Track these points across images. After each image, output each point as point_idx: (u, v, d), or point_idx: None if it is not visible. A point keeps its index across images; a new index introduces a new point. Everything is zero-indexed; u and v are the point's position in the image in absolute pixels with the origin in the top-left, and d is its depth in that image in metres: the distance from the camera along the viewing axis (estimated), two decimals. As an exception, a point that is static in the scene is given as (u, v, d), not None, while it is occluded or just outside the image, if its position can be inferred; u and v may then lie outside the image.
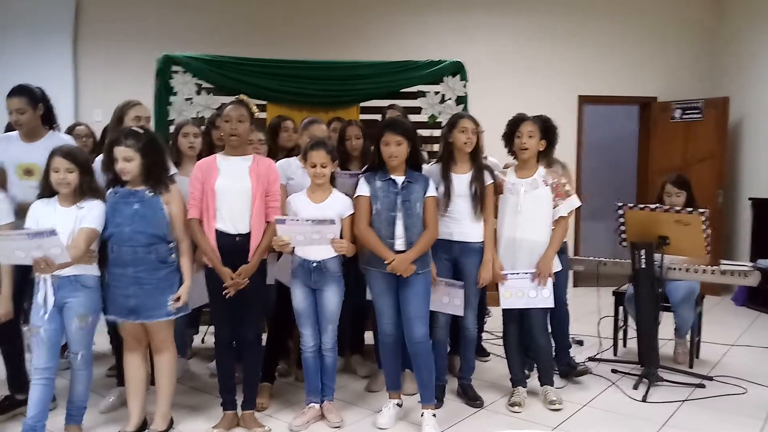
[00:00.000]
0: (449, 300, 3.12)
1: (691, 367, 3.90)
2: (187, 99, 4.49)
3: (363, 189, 2.95)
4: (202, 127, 3.58)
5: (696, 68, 6.73)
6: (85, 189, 2.67)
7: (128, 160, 2.66)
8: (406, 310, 2.91)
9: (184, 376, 3.58)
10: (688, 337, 4.02)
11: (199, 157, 3.27)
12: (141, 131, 2.74)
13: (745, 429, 3.00)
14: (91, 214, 2.64)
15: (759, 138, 6.15)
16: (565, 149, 5.84)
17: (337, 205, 2.91)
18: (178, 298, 2.71)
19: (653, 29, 6.70)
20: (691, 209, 3.49)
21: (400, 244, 2.88)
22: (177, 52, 4.58)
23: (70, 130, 3.85)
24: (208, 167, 2.84)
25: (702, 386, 3.55)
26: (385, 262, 2.84)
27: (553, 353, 3.66)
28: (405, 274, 2.85)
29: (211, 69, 4.54)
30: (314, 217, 2.79)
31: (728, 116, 6.27)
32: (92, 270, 2.68)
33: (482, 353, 4.06)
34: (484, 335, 4.20)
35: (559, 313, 3.64)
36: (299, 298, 2.96)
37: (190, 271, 2.78)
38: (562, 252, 3.48)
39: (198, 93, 4.51)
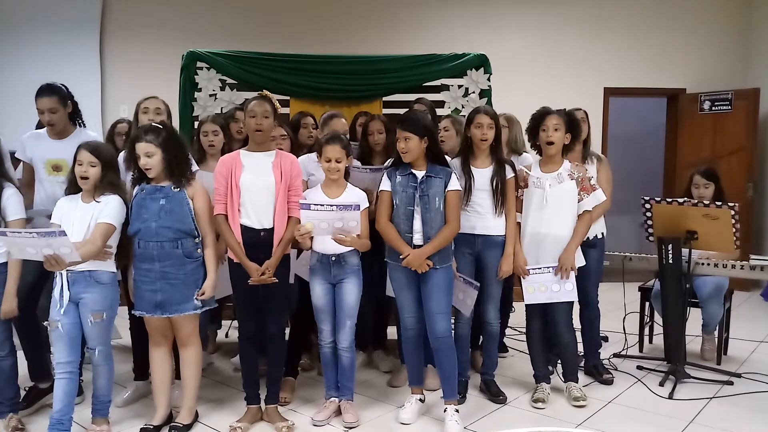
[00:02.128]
0: (463, 298, 3.10)
1: (719, 363, 3.82)
2: (211, 95, 4.51)
3: (385, 184, 2.95)
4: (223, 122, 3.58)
5: (725, 59, 6.57)
6: (105, 184, 2.70)
7: (149, 156, 2.69)
8: (428, 305, 2.90)
9: (207, 370, 3.61)
10: (716, 333, 3.94)
11: (223, 152, 3.28)
12: (160, 126, 2.76)
13: (774, 428, 2.93)
14: (108, 208, 2.66)
15: (791, 130, 5.99)
16: (594, 141, 5.74)
17: (352, 200, 2.89)
18: (204, 293, 2.73)
19: (681, 19, 6.56)
20: (720, 203, 3.41)
21: (418, 238, 2.87)
22: (202, 47, 4.60)
23: (112, 127, 3.91)
24: (232, 163, 2.85)
25: (730, 383, 3.47)
26: (401, 256, 2.83)
27: (582, 352, 3.63)
28: (420, 269, 2.84)
29: (235, 65, 4.56)
30: (338, 203, 2.79)
31: (759, 108, 6.11)
32: (108, 266, 2.70)
33: (502, 349, 4.02)
34: (507, 331, 4.16)
35: (589, 312, 3.61)
36: (318, 293, 2.95)
37: (215, 265, 2.80)
38: (593, 247, 3.45)
39: (222, 89, 4.53)
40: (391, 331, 3.79)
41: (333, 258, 2.91)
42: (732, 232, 3.32)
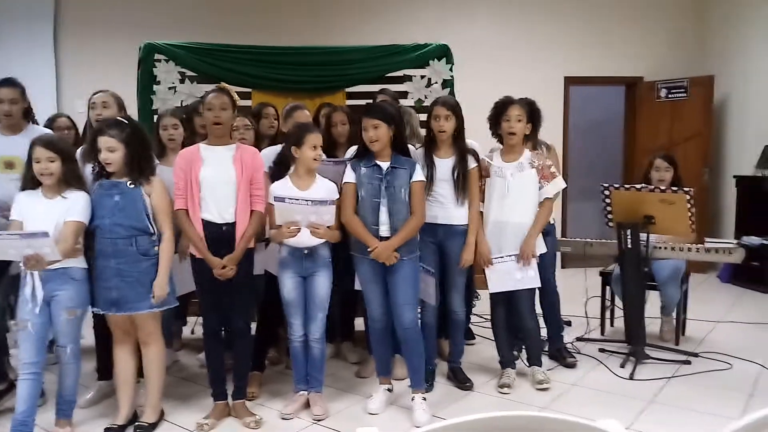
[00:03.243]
0: (425, 287, 3.12)
1: (677, 344, 3.93)
2: (170, 88, 4.43)
3: (349, 176, 2.93)
4: (184, 116, 3.52)
5: (681, 47, 6.71)
6: (70, 178, 2.63)
7: (111, 151, 2.62)
8: (395, 296, 2.92)
9: (173, 367, 3.57)
10: (674, 314, 4.05)
11: (183, 146, 3.23)
12: (125, 121, 2.70)
13: (730, 404, 3.02)
14: (77, 206, 2.61)
15: (743, 116, 6.16)
16: (552, 131, 5.77)
17: (323, 191, 2.88)
18: (153, 294, 2.66)
19: (638, 8, 6.66)
20: (676, 188, 3.49)
21: (384, 230, 2.87)
22: (160, 40, 4.50)
23: (50, 122, 3.78)
24: (191, 157, 2.81)
25: (688, 363, 3.58)
26: (369, 249, 2.83)
27: (545, 336, 3.69)
28: (388, 261, 2.85)
29: (195, 57, 4.48)
30: (314, 198, 2.77)
31: (713, 95, 6.27)
32: (79, 262, 2.65)
33: (469, 336, 4.07)
34: (473, 318, 4.20)
35: (549, 297, 3.67)
36: (289, 287, 2.93)
37: (168, 264, 2.71)
38: (548, 234, 3.49)
39: (182, 81, 4.45)
40: (359, 323, 3.80)
41: (305, 251, 2.89)
42: (688, 216, 3.40)
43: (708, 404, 3.03)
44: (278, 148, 3.20)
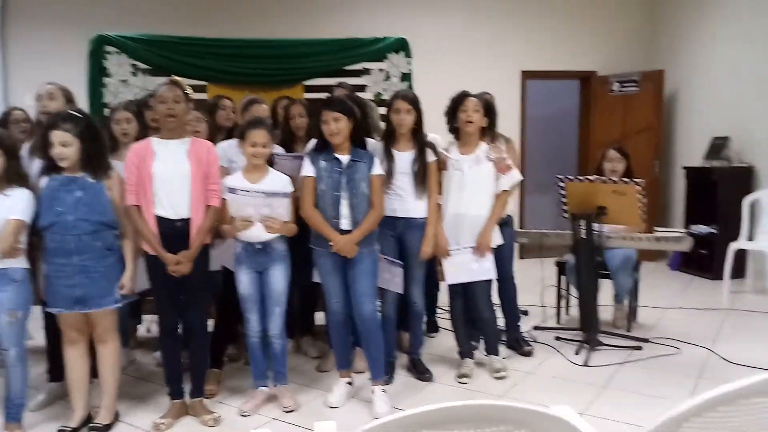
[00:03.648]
0: (390, 277, 3.13)
1: (629, 330, 4.05)
2: (122, 81, 4.31)
3: (308, 169, 2.91)
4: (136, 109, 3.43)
5: (633, 42, 6.88)
6: (12, 175, 2.54)
7: (66, 145, 2.54)
8: (354, 288, 2.91)
9: (128, 366, 3.49)
10: (626, 302, 4.17)
11: (136, 140, 3.14)
12: (79, 115, 2.62)
13: (678, 386, 3.13)
14: (19, 204, 2.52)
15: (692, 109, 6.37)
16: (510, 124, 5.90)
17: (275, 184, 2.85)
18: (123, 286, 2.65)
19: (592, 4, 6.80)
20: (626, 180, 3.58)
21: (345, 223, 2.87)
22: (111, 31, 4.37)
23: (6, 115, 3.64)
24: (143, 151, 2.74)
25: (639, 348, 3.69)
26: (330, 243, 2.82)
27: (503, 326, 3.75)
28: (350, 255, 2.85)
29: (148, 49, 4.37)
30: (267, 190, 2.74)
31: (664, 89, 6.45)
32: (20, 263, 2.56)
33: (433, 329, 4.10)
34: (438, 310, 4.23)
35: (507, 287, 3.72)
36: (245, 282, 2.90)
37: (135, 257, 2.71)
38: (506, 225, 3.54)
39: (134, 74, 4.34)
40: (319, 317, 3.78)
41: (259, 246, 2.86)
42: (638, 206, 3.50)
43: (658, 388, 3.13)
44: (233, 142, 3.15)
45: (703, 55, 6.15)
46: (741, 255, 5.10)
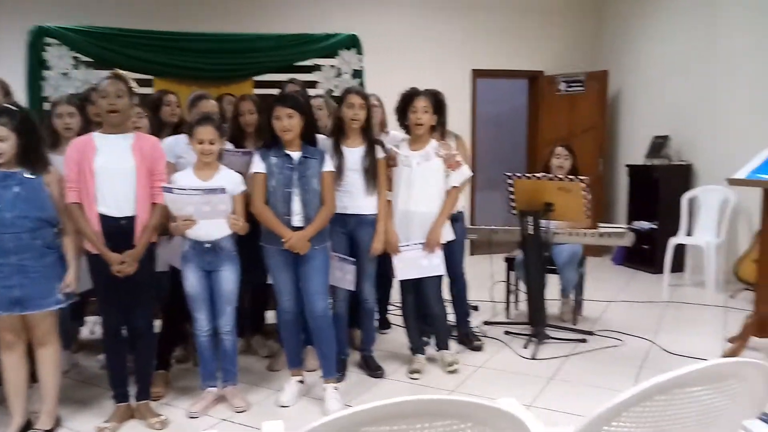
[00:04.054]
0: (342, 275, 3.13)
1: (575, 323, 4.17)
2: (63, 74, 4.15)
3: (258, 166, 2.88)
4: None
5: (579, 43, 7.06)
6: None
7: (2, 140, 2.44)
8: (306, 286, 2.90)
9: (70, 370, 3.38)
10: (572, 296, 4.28)
11: (79, 135, 3.03)
12: (15, 108, 2.51)
13: (622, 377, 3.24)
14: None
15: (634, 109, 6.59)
16: (460, 122, 5.98)
17: (226, 182, 2.80)
18: (67, 286, 2.56)
19: (541, 4, 6.93)
20: (572, 177, 3.67)
21: (297, 220, 2.85)
22: (51, 22, 4.20)
23: None
24: (84, 146, 2.64)
25: (584, 341, 3.80)
26: (282, 240, 2.79)
27: (454, 321, 3.80)
28: (302, 251, 2.83)
29: (90, 41, 4.22)
30: (203, 186, 2.70)
31: (608, 89, 6.64)
32: None
33: (384, 325, 4.12)
34: (390, 307, 4.24)
35: (457, 283, 3.77)
36: (192, 281, 2.84)
37: (77, 255, 2.62)
38: (457, 221, 3.58)
39: (75, 67, 4.18)
40: (270, 316, 3.75)
41: (207, 245, 2.81)
42: (583, 203, 3.59)
43: (602, 378, 3.23)
44: (180, 137, 3.08)
45: (645, 55, 6.37)
46: (680, 249, 5.32)
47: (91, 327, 3.82)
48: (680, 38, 5.85)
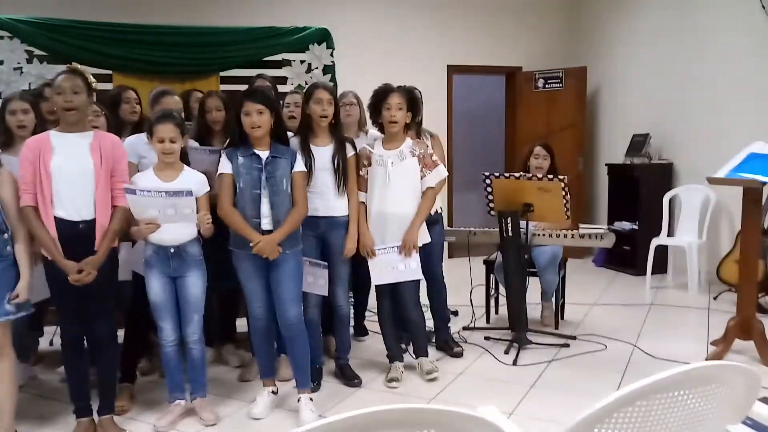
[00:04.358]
0: (314, 280, 3.13)
1: (556, 328, 4.23)
2: (15, 68, 4.07)
3: (225, 166, 2.87)
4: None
5: (558, 39, 7.16)
6: None
7: None
8: (278, 292, 2.89)
9: (28, 383, 3.31)
10: (553, 299, 4.33)
11: (34, 134, 2.98)
12: None
13: (606, 382, 3.29)
14: None
15: (614, 106, 6.71)
16: (436, 119, 6.01)
17: (190, 183, 2.79)
18: (17, 296, 2.49)
19: (518, 1, 7.01)
20: (551, 176, 3.72)
21: (266, 223, 2.84)
22: (2, 14, 4.12)
23: None
24: (40, 146, 2.59)
25: (567, 345, 3.86)
26: (251, 244, 2.78)
27: (433, 327, 3.83)
28: (272, 256, 2.82)
29: (45, 34, 4.16)
30: (168, 188, 2.67)
31: (587, 85, 6.75)
32: None
33: (361, 332, 4.13)
34: (368, 313, 4.26)
35: (436, 287, 3.79)
36: (156, 289, 2.82)
37: (29, 263, 2.56)
38: (435, 223, 3.60)
39: (29, 61, 4.11)
40: (240, 324, 3.72)
41: (172, 249, 2.78)
42: (563, 203, 3.65)
43: (585, 384, 3.28)
44: (143, 136, 3.05)
45: (624, 52, 6.49)
46: (662, 250, 5.43)
47: (50, 338, 3.74)
48: (660, 35, 5.98)
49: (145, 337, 3.35)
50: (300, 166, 2.93)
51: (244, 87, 3.94)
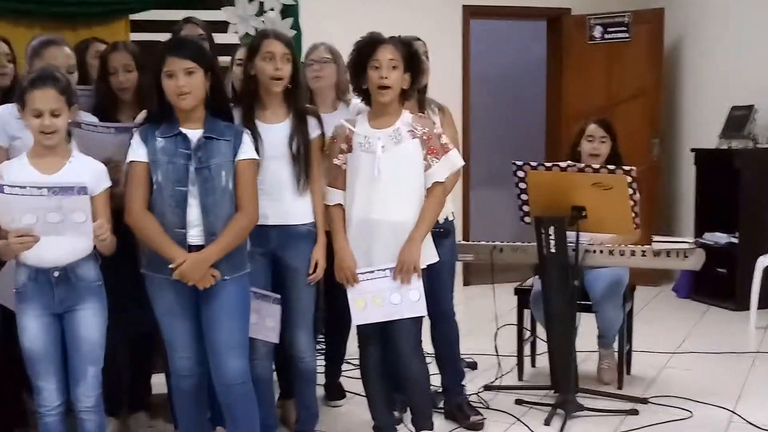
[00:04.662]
0: (259, 320, 3.13)
1: (620, 387, 4.23)
2: None
3: (137, 151, 2.86)
4: None
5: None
6: None
7: None
8: (214, 337, 2.88)
9: None
10: (615, 346, 4.33)
11: None
12: None
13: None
14: None
15: (703, 67, 6.70)
16: (446, 85, 6.01)
17: (83, 176, 2.76)
18: None
19: None
20: (613, 167, 3.71)
21: (195, 235, 2.83)
22: None
23: None
24: None
25: (635, 412, 3.86)
26: (171, 265, 2.76)
27: (440, 386, 3.83)
28: (202, 283, 2.80)
29: None
30: (51, 183, 2.65)
31: (663, 36, 6.76)
32: None
33: (336, 395, 4.13)
34: (345, 367, 4.26)
35: (445, 328, 3.78)
36: (33, 332, 2.79)
37: None
38: (444, 235, 3.60)
39: None
40: (158, 382, 3.72)
41: (56, 273, 2.77)
42: (629, 206, 3.64)
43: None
44: (13, 108, 3.03)
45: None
46: (773, 274, 5.43)
47: None
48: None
49: (16, 401, 3.32)
50: (248, 151, 2.92)
51: (165, 37, 3.96)
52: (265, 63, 3.12)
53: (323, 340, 4.19)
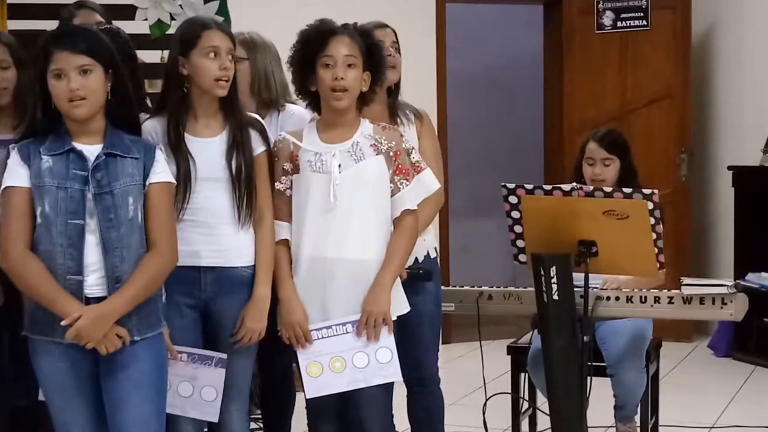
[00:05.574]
0: (194, 392, 3.11)
1: (644, 473, 4.23)
2: None
3: (15, 174, 2.84)
4: None
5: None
6: None
7: None
8: (119, 420, 2.85)
9: None
10: (637, 419, 4.34)
11: None
12: None
13: None
14: None
15: (741, 64, 6.79)
16: (418, 85, 6.03)
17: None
18: None
19: None
20: (629, 190, 3.74)
21: (94, 283, 2.82)
22: None
23: None
24: None
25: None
26: (63, 322, 2.73)
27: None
28: (103, 347, 2.77)
29: None
30: None
31: (691, 23, 6.87)
32: None
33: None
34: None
35: (424, 400, 3.81)
36: None
37: None
38: (425, 278, 3.61)
39: None
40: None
41: None
42: (651, 239, 3.66)
43: None
44: None
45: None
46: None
47: None
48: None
49: None
50: (162, 172, 2.92)
51: (52, 25, 3.95)
52: (206, 60, 3.13)
53: (259, 416, 4.16)
